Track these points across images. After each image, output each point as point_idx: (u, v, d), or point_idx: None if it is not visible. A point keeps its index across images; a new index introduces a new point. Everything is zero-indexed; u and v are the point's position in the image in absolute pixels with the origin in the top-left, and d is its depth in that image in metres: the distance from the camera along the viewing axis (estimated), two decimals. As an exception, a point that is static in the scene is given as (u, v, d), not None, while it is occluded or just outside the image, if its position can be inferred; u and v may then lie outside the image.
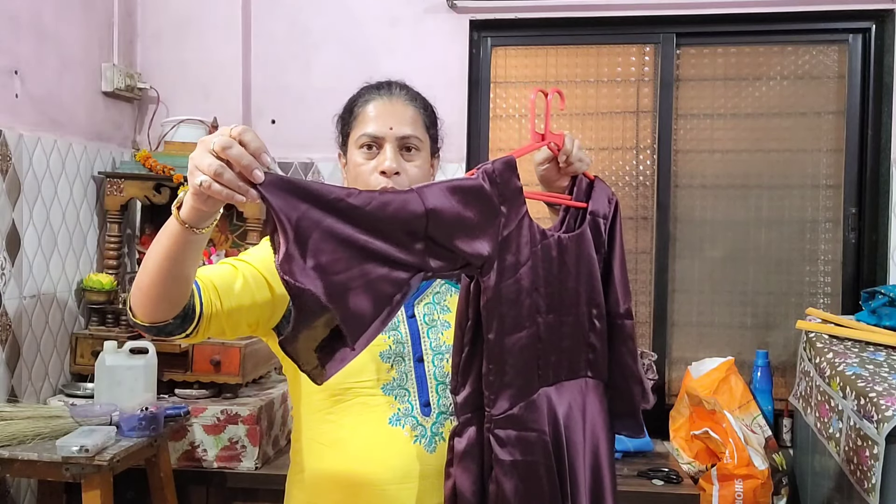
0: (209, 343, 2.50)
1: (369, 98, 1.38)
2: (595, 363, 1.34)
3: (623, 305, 1.35)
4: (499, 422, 1.18)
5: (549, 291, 1.25)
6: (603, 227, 1.35)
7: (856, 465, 1.95)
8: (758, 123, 2.96)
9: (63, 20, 2.58)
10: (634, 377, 1.36)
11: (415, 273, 1.08)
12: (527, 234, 1.21)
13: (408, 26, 2.96)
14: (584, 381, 1.32)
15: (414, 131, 1.36)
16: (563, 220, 1.36)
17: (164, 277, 1.12)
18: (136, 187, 2.68)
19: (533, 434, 1.20)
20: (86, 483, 1.91)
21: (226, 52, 2.96)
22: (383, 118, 1.34)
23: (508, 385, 1.18)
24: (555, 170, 1.34)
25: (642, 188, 2.99)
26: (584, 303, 1.31)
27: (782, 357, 2.91)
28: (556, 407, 1.26)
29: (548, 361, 1.25)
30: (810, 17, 2.84)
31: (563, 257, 1.27)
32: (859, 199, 2.87)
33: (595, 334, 1.32)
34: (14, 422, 2.04)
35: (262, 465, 2.44)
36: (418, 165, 1.36)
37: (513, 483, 1.17)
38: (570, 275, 1.29)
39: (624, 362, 1.35)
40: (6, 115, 2.32)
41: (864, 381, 2.00)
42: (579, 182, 1.36)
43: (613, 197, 1.38)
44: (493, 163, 1.18)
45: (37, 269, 2.44)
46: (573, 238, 1.30)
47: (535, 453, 1.20)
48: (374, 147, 1.34)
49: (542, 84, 3.02)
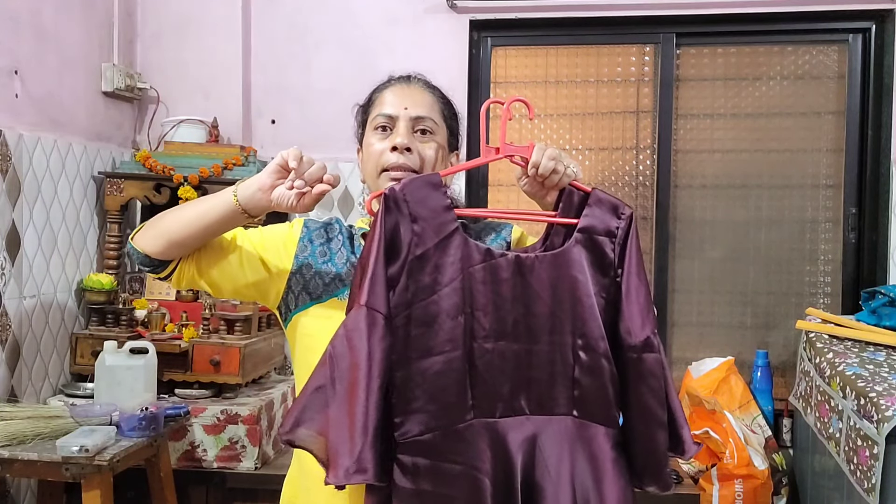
0: (209, 343, 2.50)
1: (388, 85, 1.40)
2: (583, 401, 1.18)
3: (638, 336, 1.17)
4: (404, 447, 1.12)
5: (499, 316, 1.15)
6: (608, 245, 1.20)
7: (856, 465, 1.95)
8: (758, 123, 2.96)
9: (63, 20, 2.58)
10: (657, 421, 1.17)
11: None
12: (455, 253, 1.14)
13: (408, 26, 2.96)
14: (570, 422, 1.17)
15: (429, 114, 1.35)
16: (544, 238, 1.26)
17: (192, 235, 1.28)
18: (136, 187, 2.68)
19: (455, 467, 1.11)
20: (86, 483, 1.91)
21: (226, 52, 2.96)
22: (399, 99, 1.35)
23: (418, 410, 1.12)
24: (535, 185, 1.25)
25: (642, 188, 2.99)
26: (566, 332, 1.17)
27: (782, 357, 2.91)
28: (510, 444, 1.15)
29: (490, 391, 1.15)
30: (810, 17, 2.84)
31: (524, 279, 1.17)
32: (859, 199, 2.87)
33: (581, 368, 1.17)
34: (14, 422, 2.04)
35: (262, 465, 2.44)
36: (431, 147, 1.34)
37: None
38: (538, 299, 1.17)
39: (643, 404, 1.17)
40: (6, 115, 2.32)
41: (864, 381, 2.00)
42: (568, 196, 1.23)
43: (626, 210, 1.22)
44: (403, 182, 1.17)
45: (37, 270, 2.44)
46: (545, 258, 1.18)
47: (453, 487, 1.11)
48: (388, 129, 1.34)
49: (543, 84, 3.03)
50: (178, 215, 1.30)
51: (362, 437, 1.05)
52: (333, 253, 1.37)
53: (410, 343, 1.12)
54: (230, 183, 2.62)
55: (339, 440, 1.06)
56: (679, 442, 1.20)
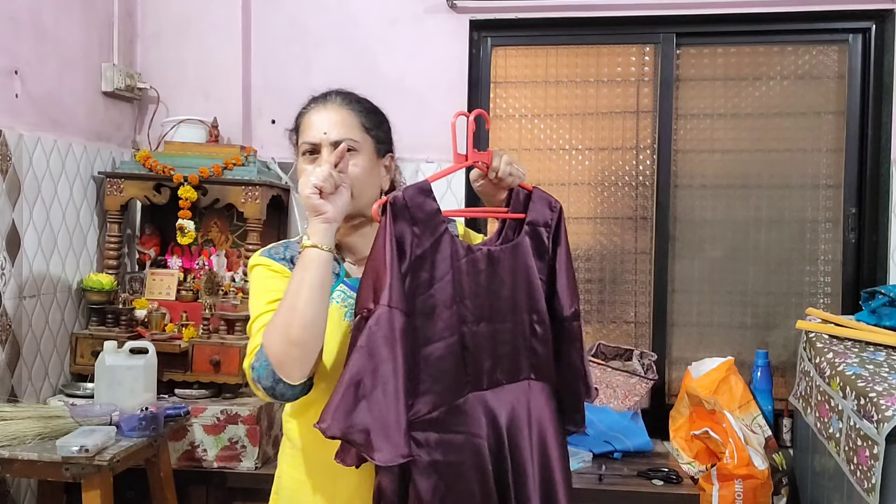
0: (209, 343, 2.50)
1: (307, 109, 1.47)
2: (538, 366, 1.41)
3: (569, 309, 1.42)
4: (417, 425, 1.26)
5: (479, 302, 1.34)
6: (545, 234, 1.42)
7: (856, 465, 1.95)
8: (758, 123, 2.96)
9: (63, 20, 2.58)
10: (578, 374, 1.45)
11: None
12: (446, 251, 1.30)
13: (408, 26, 2.96)
14: (528, 384, 1.40)
15: (348, 133, 1.42)
16: (500, 231, 1.44)
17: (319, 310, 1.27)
18: (136, 187, 2.68)
19: (459, 437, 1.29)
20: (86, 483, 1.91)
21: (226, 52, 2.96)
22: (318, 125, 1.42)
23: (426, 392, 1.27)
24: (489, 185, 1.44)
25: (642, 188, 2.99)
26: (524, 310, 1.39)
27: (782, 357, 2.91)
28: (497, 410, 1.35)
29: (479, 368, 1.34)
30: (810, 17, 2.84)
31: (494, 268, 1.36)
32: (859, 199, 2.87)
33: (536, 339, 1.40)
34: (14, 422, 2.04)
35: (262, 464, 2.44)
36: (357, 164, 1.41)
37: (430, 482, 1.26)
38: (504, 284, 1.37)
39: (572, 363, 1.44)
40: (6, 115, 2.32)
41: (864, 381, 2.00)
42: (516, 194, 1.43)
43: (557, 204, 1.45)
44: (403, 190, 1.29)
45: (37, 269, 2.44)
46: (507, 249, 1.38)
47: (460, 454, 1.29)
48: (315, 153, 1.42)
49: (543, 84, 3.02)
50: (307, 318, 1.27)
51: (398, 424, 1.20)
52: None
53: (416, 333, 1.26)
54: (230, 183, 2.64)
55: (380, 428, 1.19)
56: (588, 389, 1.47)
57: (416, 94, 2.93)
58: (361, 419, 1.20)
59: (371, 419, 1.20)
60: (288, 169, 2.99)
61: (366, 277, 1.27)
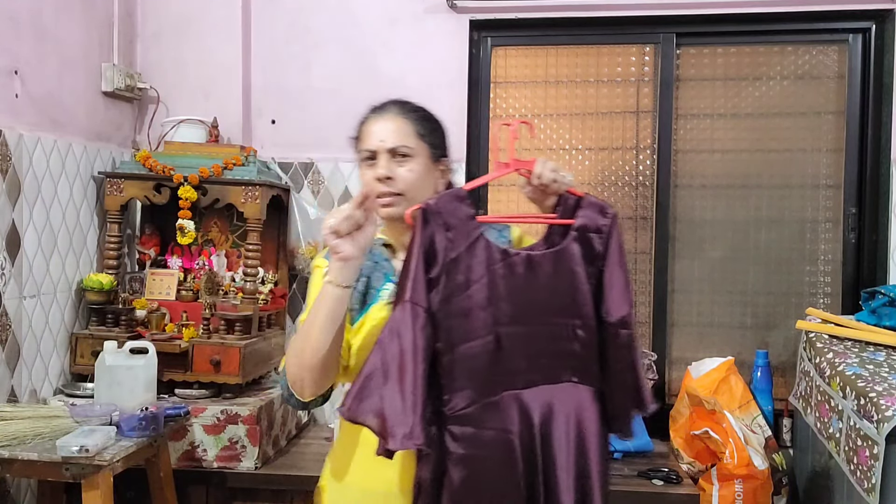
0: (209, 343, 2.50)
1: (367, 118, 1.58)
2: (581, 369, 1.42)
3: (616, 315, 1.41)
4: (452, 419, 1.33)
5: (515, 304, 1.38)
6: (596, 240, 1.43)
7: (856, 465, 1.95)
8: (758, 123, 2.96)
9: (63, 20, 2.58)
10: (627, 384, 1.43)
11: None
12: (481, 255, 1.36)
13: (408, 26, 2.96)
14: (572, 386, 1.42)
15: (403, 141, 1.52)
16: (546, 236, 1.47)
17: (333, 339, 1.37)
18: (136, 187, 2.68)
19: (491, 433, 1.35)
20: (86, 483, 1.91)
21: (226, 52, 2.96)
22: (376, 133, 1.53)
23: (462, 388, 1.33)
24: (537, 192, 1.48)
25: (642, 188, 2.99)
26: (566, 314, 1.41)
27: (782, 357, 2.91)
28: (531, 408, 1.38)
29: (514, 367, 1.38)
30: (810, 17, 2.84)
31: (533, 273, 1.39)
32: (859, 199, 2.87)
33: (578, 343, 1.42)
34: (14, 422, 2.04)
35: (262, 465, 2.44)
36: (411, 169, 1.51)
37: (462, 473, 1.33)
38: (543, 288, 1.40)
39: (618, 370, 1.43)
40: (6, 115, 2.32)
41: (864, 381, 2.00)
42: (564, 200, 1.45)
43: (611, 210, 1.45)
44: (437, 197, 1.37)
45: (37, 269, 2.44)
46: (549, 255, 1.41)
47: (491, 449, 1.35)
48: (373, 159, 1.52)
49: (543, 84, 3.02)
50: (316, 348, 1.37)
51: (412, 412, 1.25)
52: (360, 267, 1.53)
53: (452, 332, 1.33)
54: (230, 183, 2.65)
55: (393, 415, 1.25)
56: (641, 401, 1.45)
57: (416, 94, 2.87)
58: (376, 405, 1.27)
59: (386, 406, 1.26)
60: (288, 169, 2.99)
61: (398, 279, 1.37)
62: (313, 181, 3.00)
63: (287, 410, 2.70)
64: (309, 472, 2.44)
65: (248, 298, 2.60)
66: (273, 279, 2.81)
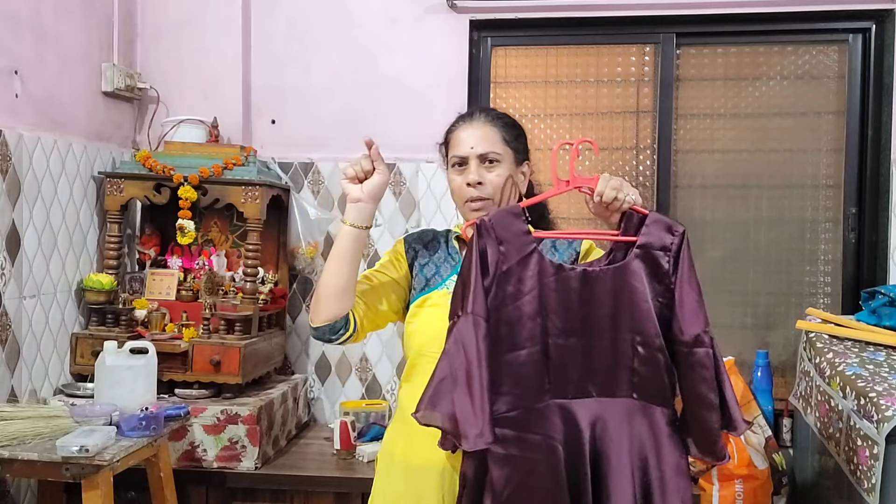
0: (209, 343, 2.50)
1: (456, 126, 1.71)
2: (641, 386, 1.45)
3: (688, 334, 1.42)
4: (495, 421, 1.38)
5: (569, 317, 1.43)
6: (663, 258, 1.45)
7: (856, 465, 1.95)
8: (758, 123, 2.96)
9: (63, 20, 2.58)
10: (707, 405, 1.42)
11: None
12: (534, 268, 1.42)
13: (408, 26, 2.96)
14: (630, 402, 1.45)
15: (492, 147, 1.65)
16: (608, 253, 1.52)
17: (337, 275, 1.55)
18: (136, 187, 2.68)
19: (536, 437, 1.40)
20: (86, 483, 1.91)
21: (226, 52, 2.96)
22: (466, 141, 1.65)
23: (507, 393, 1.40)
24: (601, 209, 1.51)
25: (642, 188, 2.99)
26: (625, 329, 1.43)
27: (782, 357, 2.91)
28: (579, 419, 1.42)
29: (564, 377, 1.43)
30: (810, 17, 2.84)
31: (590, 287, 1.43)
32: (859, 199, 2.87)
33: (639, 359, 1.44)
34: (14, 422, 2.04)
35: (262, 464, 2.44)
36: (499, 174, 1.64)
37: (503, 473, 1.38)
38: (600, 304, 1.44)
39: (694, 390, 1.42)
40: (6, 115, 2.32)
41: (864, 381, 2.00)
42: (629, 217, 1.49)
43: (679, 228, 1.47)
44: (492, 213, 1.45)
45: (37, 269, 2.44)
46: (609, 270, 1.45)
47: (534, 452, 1.40)
48: (463, 164, 1.66)
49: (543, 84, 3.02)
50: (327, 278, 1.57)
51: (482, 414, 1.34)
52: (433, 254, 1.71)
53: (500, 340, 1.40)
54: (230, 183, 2.65)
55: (465, 418, 1.34)
56: (730, 421, 1.44)
57: (416, 94, 2.93)
58: (448, 409, 1.36)
59: (458, 410, 1.35)
60: (288, 169, 2.99)
61: (457, 288, 1.45)
62: (313, 181, 3.00)
63: (287, 410, 2.70)
64: (309, 472, 2.44)
65: (248, 298, 2.60)
66: (273, 279, 2.81)
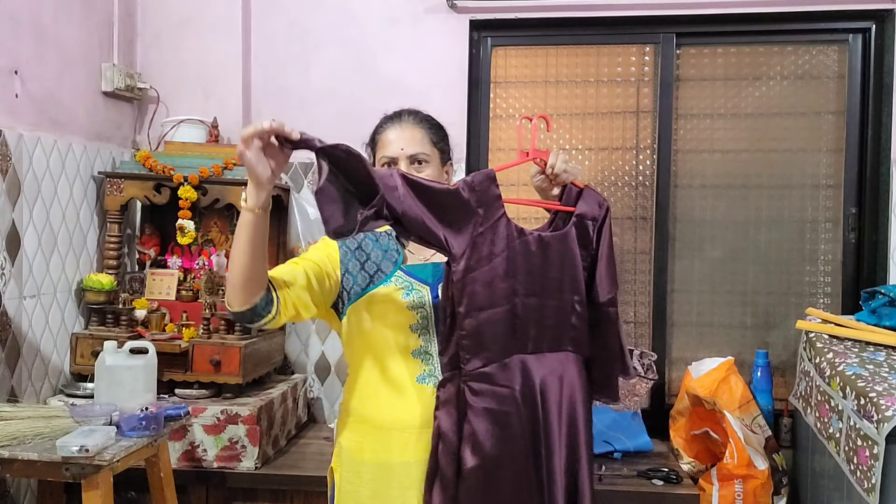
0: (209, 343, 2.50)
1: (385, 127, 1.72)
2: (576, 340, 1.60)
3: (606, 295, 1.60)
4: (472, 376, 1.49)
5: (531, 279, 1.54)
6: (591, 228, 1.60)
7: (856, 465, 1.95)
8: (758, 123, 2.96)
9: (63, 20, 2.58)
10: (616, 354, 1.63)
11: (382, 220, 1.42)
12: (503, 232, 1.51)
13: (408, 26, 2.96)
14: (566, 355, 1.59)
15: (421, 149, 1.68)
16: (551, 221, 1.64)
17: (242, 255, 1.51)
18: (136, 187, 2.68)
19: (505, 390, 1.50)
20: (86, 483, 1.91)
21: (226, 52, 2.96)
22: (396, 142, 1.68)
23: (482, 349, 1.49)
24: (546, 181, 1.64)
25: (642, 188, 2.99)
26: (568, 290, 1.58)
27: (782, 357, 2.91)
28: (533, 372, 1.54)
29: (525, 334, 1.54)
30: (810, 17, 2.84)
31: (545, 251, 1.55)
32: (859, 199, 2.87)
33: (576, 317, 1.59)
34: (14, 422, 2.04)
35: (262, 465, 2.44)
36: (428, 174, 1.66)
37: (485, 425, 1.48)
38: (553, 266, 1.56)
39: (608, 344, 1.62)
40: (6, 115, 2.32)
41: (864, 381, 2.00)
42: (569, 190, 1.62)
43: (605, 203, 1.63)
44: (473, 175, 1.50)
45: (37, 269, 2.44)
46: (556, 237, 1.58)
47: (507, 404, 1.50)
48: (392, 165, 1.66)
49: (543, 84, 3.02)
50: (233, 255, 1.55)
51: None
52: (369, 252, 1.68)
53: (475, 298, 1.48)
54: (230, 183, 2.65)
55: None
56: (625, 367, 1.65)
57: (415, 94, 2.91)
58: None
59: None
60: (288, 169, 2.99)
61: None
62: (313, 181, 3.00)
63: (287, 410, 2.70)
64: (309, 472, 2.44)
65: (248, 298, 2.60)
66: (273, 279, 2.81)
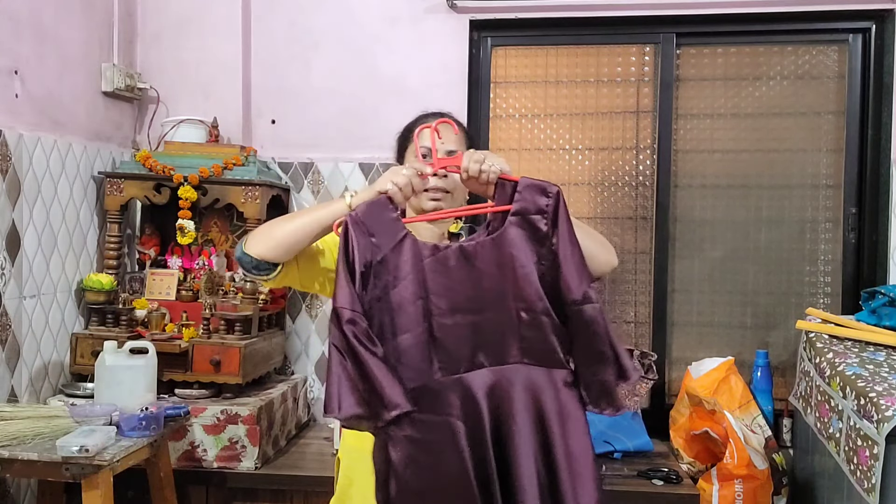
0: (209, 343, 2.50)
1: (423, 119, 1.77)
2: (531, 351, 1.43)
3: (575, 293, 1.41)
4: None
5: (451, 296, 1.43)
6: (541, 221, 1.44)
7: (856, 465, 1.95)
8: (758, 123, 2.96)
9: (63, 20, 2.58)
10: (606, 358, 1.41)
11: None
12: (407, 253, 1.42)
13: (408, 26, 2.96)
14: (524, 368, 1.43)
15: (457, 146, 1.71)
16: (487, 224, 1.52)
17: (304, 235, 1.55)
18: (136, 187, 2.68)
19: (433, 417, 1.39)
20: (86, 483, 1.91)
21: (226, 52, 2.96)
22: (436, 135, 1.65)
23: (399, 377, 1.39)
24: (473, 183, 1.52)
25: (642, 188, 2.99)
26: (509, 298, 1.43)
27: (782, 357, 2.91)
28: (475, 391, 1.41)
29: (453, 355, 1.42)
30: (810, 17, 2.84)
31: (469, 263, 1.44)
32: (859, 199, 2.87)
33: (524, 325, 1.43)
34: (14, 422, 2.04)
35: (262, 465, 2.44)
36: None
37: (402, 454, 1.38)
38: (485, 277, 1.43)
39: (588, 346, 1.42)
40: (6, 115, 2.32)
41: (864, 381, 2.00)
42: (501, 187, 1.49)
43: (553, 188, 1.45)
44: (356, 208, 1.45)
45: (37, 269, 2.44)
46: (486, 242, 1.45)
47: (433, 432, 1.39)
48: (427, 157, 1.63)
49: (543, 84, 3.02)
50: (294, 225, 1.58)
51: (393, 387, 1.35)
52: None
53: (384, 328, 1.40)
54: (230, 183, 2.65)
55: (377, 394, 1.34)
56: (623, 371, 1.42)
57: (415, 94, 2.93)
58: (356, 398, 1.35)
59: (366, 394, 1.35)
60: (288, 169, 2.99)
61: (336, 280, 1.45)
62: (313, 181, 3.00)
63: (287, 410, 2.70)
64: (309, 472, 2.44)
65: (248, 298, 2.60)
66: (273, 279, 2.81)
